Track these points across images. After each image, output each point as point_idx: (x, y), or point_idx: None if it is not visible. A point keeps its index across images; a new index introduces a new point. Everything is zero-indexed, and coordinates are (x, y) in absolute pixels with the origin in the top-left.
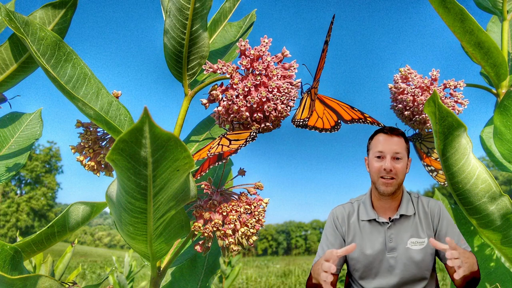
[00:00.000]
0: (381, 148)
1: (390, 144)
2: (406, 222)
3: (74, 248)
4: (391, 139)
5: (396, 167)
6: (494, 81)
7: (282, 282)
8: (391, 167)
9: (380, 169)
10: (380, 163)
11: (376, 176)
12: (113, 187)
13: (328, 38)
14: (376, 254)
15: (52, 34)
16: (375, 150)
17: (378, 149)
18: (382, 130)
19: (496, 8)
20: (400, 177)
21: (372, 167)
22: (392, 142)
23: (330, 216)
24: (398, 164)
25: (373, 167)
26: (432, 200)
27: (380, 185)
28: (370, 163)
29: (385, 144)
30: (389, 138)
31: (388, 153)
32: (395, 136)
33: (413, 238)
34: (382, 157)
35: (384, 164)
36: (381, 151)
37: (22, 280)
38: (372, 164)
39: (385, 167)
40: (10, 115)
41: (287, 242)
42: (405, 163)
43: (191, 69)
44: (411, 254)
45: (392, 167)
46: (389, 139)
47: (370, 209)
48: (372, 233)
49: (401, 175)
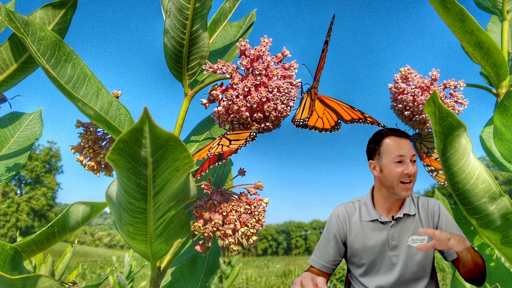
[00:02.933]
0: (402, 152)
1: (407, 147)
2: (408, 221)
3: (74, 248)
4: (406, 142)
5: (414, 171)
6: (494, 81)
7: (282, 282)
8: (414, 171)
9: (401, 174)
10: (401, 167)
11: (397, 181)
12: (113, 187)
13: (328, 38)
14: (379, 253)
15: (52, 34)
16: (394, 154)
17: (399, 153)
18: (391, 133)
19: (496, 8)
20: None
21: (393, 172)
22: (408, 145)
23: (331, 216)
24: (415, 168)
25: (394, 172)
26: (432, 200)
27: (401, 190)
28: (388, 168)
29: (403, 148)
30: (403, 141)
31: (407, 157)
32: (406, 139)
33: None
34: (402, 161)
35: (406, 168)
36: (402, 155)
37: (22, 280)
38: (392, 169)
39: (409, 171)
40: (10, 115)
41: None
42: None
43: (191, 69)
44: (412, 252)
45: (414, 171)
46: (404, 142)
47: (372, 210)
48: (374, 233)
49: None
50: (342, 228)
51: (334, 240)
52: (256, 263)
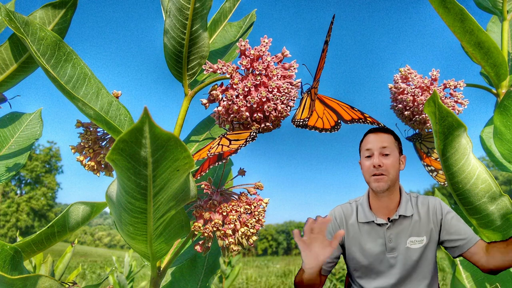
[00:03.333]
0: (368, 146)
1: (377, 141)
2: (405, 222)
3: (74, 248)
4: (378, 136)
5: (385, 163)
6: (494, 81)
7: (282, 282)
8: (380, 163)
9: (370, 167)
10: (370, 161)
11: (368, 175)
12: (113, 187)
13: (328, 38)
14: (377, 255)
15: (52, 34)
16: (364, 149)
17: (366, 147)
18: (370, 131)
19: (496, 8)
20: (392, 173)
21: (363, 167)
22: (379, 139)
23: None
24: (387, 160)
25: (364, 166)
26: (432, 198)
27: (372, 182)
28: (362, 164)
29: (372, 141)
30: (376, 136)
31: (375, 150)
32: (382, 133)
33: (412, 237)
34: (370, 155)
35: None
36: (369, 148)
37: (22, 280)
38: (363, 164)
39: (374, 163)
40: (10, 115)
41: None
42: (396, 159)
43: (191, 69)
44: (410, 253)
45: (380, 162)
46: (376, 136)
47: (368, 211)
48: (371, 235)
49: (392, 171)
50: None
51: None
52: (256, 263)
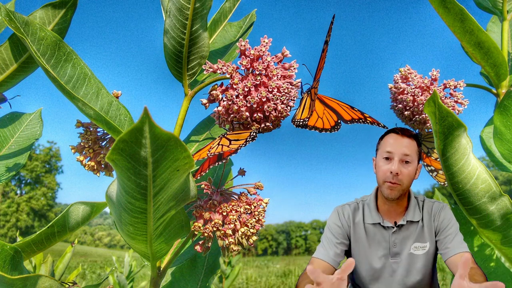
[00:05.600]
0: (389, 148)
1: (399, 145)
2: (411, 228)
3: (74, 248)
4: (402, 140)
5: (403, 172)
6: (494, 81)
7: (282, 282)
8: (398, 171)
9: (386, 172)
10: (388, 165)
11: (382, 180)
12: (113, 187)
13: (328, 38)
14: (380, 258)
15: (52, 34)
16: (383, 150)
17: (387, 149)
18: (393, 130)
19: (496, 8)
20: (406, 183)
21: (379, 169)
22: (402, 144)
23: (334, 213)
24: (406, 169)
25: (380, 168)
26: (436, 203)
27: (385, 189)
28: (377, 164)
29: (394, 144)
30: (399, 139)
31: (396, 155)
32: (407, 138)
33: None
34: (390, 158)
35: (391, 166)
36: (390, 151)
37: (22, 280)
38: (380, 166)
39: (392, 169)
40: (10, 115)
41: (287, 242)
42: (414, 169)
43: (191, 69)
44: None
45: (399, 170)
46: (400, 139)
47: (374, 212)
48: (376, 237)
49: (406, 181)
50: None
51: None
52: (256, 263)
